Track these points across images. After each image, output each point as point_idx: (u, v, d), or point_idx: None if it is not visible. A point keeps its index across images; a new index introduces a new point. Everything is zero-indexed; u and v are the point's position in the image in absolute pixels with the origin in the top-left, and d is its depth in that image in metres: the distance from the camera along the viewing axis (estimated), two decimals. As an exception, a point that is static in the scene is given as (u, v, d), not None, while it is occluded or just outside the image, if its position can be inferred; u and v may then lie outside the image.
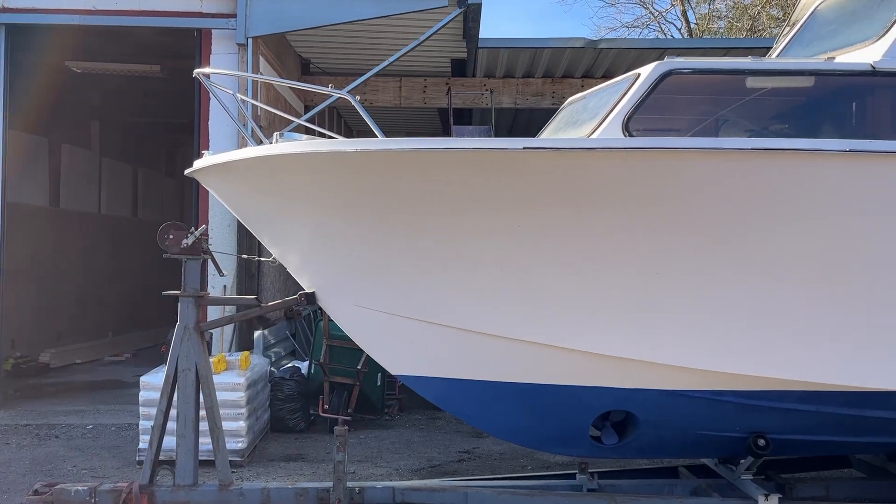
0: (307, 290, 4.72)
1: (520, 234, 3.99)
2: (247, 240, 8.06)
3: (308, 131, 5.56)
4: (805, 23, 5.16)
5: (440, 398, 4.68)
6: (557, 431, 4.63)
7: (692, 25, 24.13)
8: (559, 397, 4.40)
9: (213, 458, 4.69)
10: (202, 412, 4.72)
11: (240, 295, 8.00)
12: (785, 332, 3.95)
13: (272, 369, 8.11)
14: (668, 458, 5.44)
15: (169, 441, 4.78)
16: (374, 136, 4.04)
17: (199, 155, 4.91)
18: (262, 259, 5.51)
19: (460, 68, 11.56)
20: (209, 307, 7.91)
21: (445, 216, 3.98)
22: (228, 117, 5.16)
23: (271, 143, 4.30)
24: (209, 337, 5.12)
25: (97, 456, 6.79)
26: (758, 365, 4.03)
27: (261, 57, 8.75)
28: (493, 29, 58.65)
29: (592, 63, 11.44)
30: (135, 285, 14.79)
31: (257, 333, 8.35)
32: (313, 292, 4.69)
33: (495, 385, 4.39)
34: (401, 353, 4.48)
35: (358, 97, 4.21)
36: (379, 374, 7.91)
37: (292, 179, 4.28)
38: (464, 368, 4.36)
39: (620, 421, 4.65)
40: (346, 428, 4.62)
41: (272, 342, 8.82)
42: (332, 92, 4.29)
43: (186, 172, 4.95)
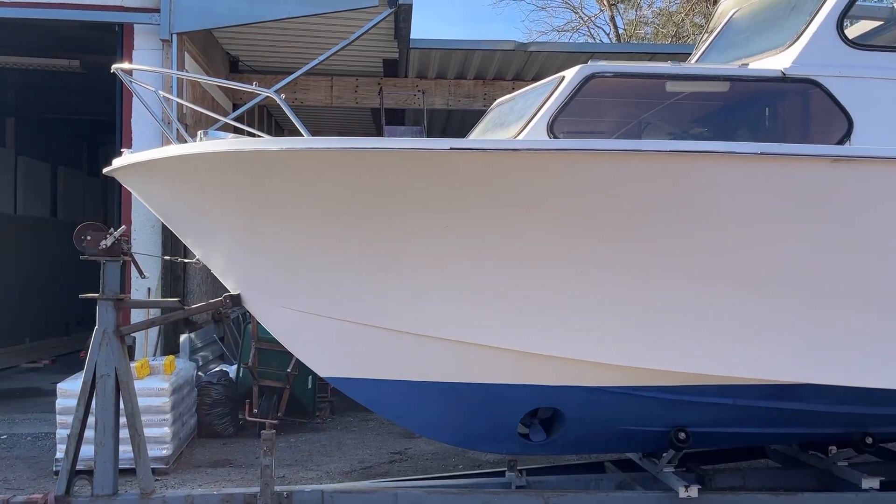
0: (232, 292, 4.64)
1: (447, 234, 4.01)
2: (172, 241, 7.83)
3: (237, 130, 5.45)
4: (721, 30, 5.35)
5: (369, 400, 4.66)
6: (486, 430, 4.68)
7: (620, 31, 24.71)
8: (487, 396, 4.44)
9: (135, 467, 4.55)
10: (124, 419, 4.57)
11: (165, 298, 7.78)
12: (703, 329, 4.08)
13: (199, 373, 7.90)
14: (595, 454, 5.56)
15: (89, 450, 4.61)
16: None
17: (120, 153, 4.75)
18: (187, 261, 5.38)
19: (392, 68, 11.54)
20: (133, 311, 7.68)
21: (372, 216, 3.96)
22: (152, 115, 5.00)
23: (195, 142, 4.20)
24: (132, 341, 4.95)
25: (11, 467, 6.49)
26: (677, 361, 4.15)
27: (186, 53, 8.53)
28: (426, 30, 58.90)
29: (523, 66, 11.59)
30: (54, 289, 14.18)
31: (183, 337, 8.13)
32: (239, 294, 4.61)
33: (424, 385, 4.40)
34: (328, 355, 4.45)
35: (282, 95, 4.16)
36: (310, 377, 7.81)
37: (216, 179, 4.19)
38: (392, 369, 4.35)
39: (548, 418, 4.72)
40: (274, 432, 4.54)
41: (199, 346, 8.60)
42: (258, 90, 4.21)
43: (105, 171, 4.79)
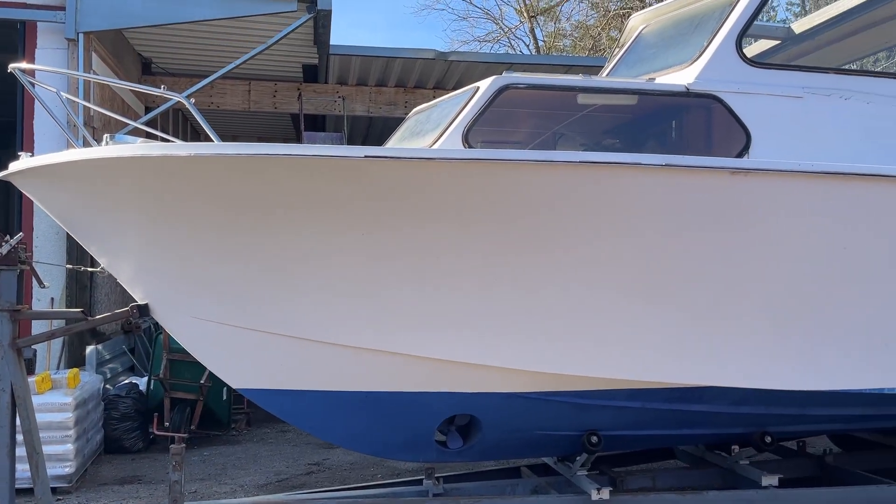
0: (140, 302, 4.47)
1: (362, 243, 3.99)
2: (77, 249, 7.50)
3: (149, 135, 5.28)
4: (631, 45, 5.53)
5: (284, 411, 4.57)
6: (403, 438, 4.66)
7: (540, 42, 25.24)
8: (403, 404, 4.43)
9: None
10: (21, 436, 4.34)
11: (69, 308, 7.44)
12: (612, 335, 4.19)
13: (107, 386, 7.59)
14: (512, 459, 5.62)
15: (-20, 470, 4.35)
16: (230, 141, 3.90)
17: (18, 157, 4.52)
18: (92, 270, 5.16)
19: (312, 74, 11.43)
20: (34, 322, 7.31)
21: (285, 224, 3.90)
22: (53, 118, 4.78)
23: (100, 146, 4.03)
24: (31, 354, 4.70)
25: None
26: (588, 366, 4.25)
27: (94, 54, 8.20)
28: (348, 36, 58.31)
29: (444, 74, 11.69)
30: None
31: (90, 349, 7.79)
32: (146, 304, 4.44)
33: (339, 395, 4.36)
34: (241, 366, 4.34)
35: (192, 100, 4.05)
36: (225, 388, 7.61)
37: (122, 185, 4.04)
38: (306, 379, 4.29)
39: (465, 425, 4.75)
40: (184, 446, 4.40)
41: (107, 358, 8.26)
42: (166, 94, 4.09)
43: (0, 176, 4.54)
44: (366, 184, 3.84)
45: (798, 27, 5.86)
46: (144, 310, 4.44)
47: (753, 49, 5.77)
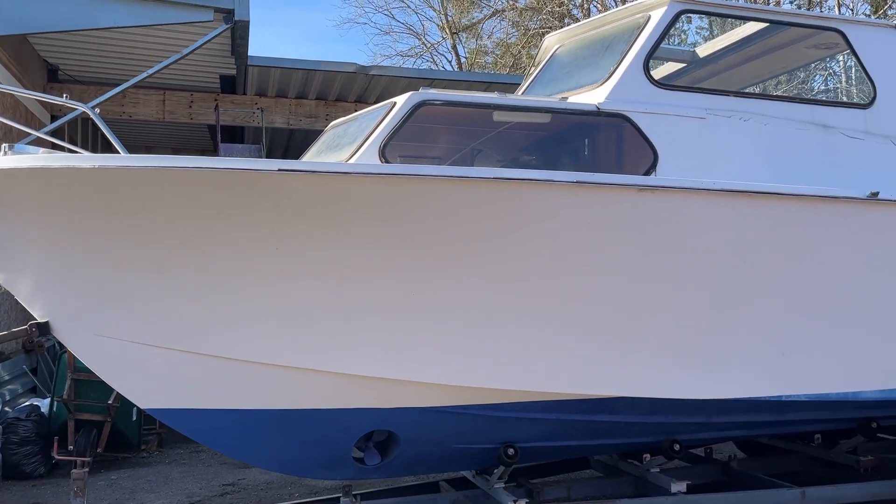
0: (40, 320, 4.26)
1: (276, 257, 3.93)
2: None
3: (55, 145, 5.04)
4: (546, 64, 5.67)
5: (195, 431, 4.44)
6: (320, 456, 4.60)
7: (462, 59, 25.56)
8: (320, 422, 4.37)
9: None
10: None
11: (-36, 326, 7.02)
12: (526, 348, 4.26)
13: (6, 409, 7.19)
14: (430, 473, 5.62)
15: None
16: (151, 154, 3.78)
17: None
18: (-12, 286, 4.89)
19: (230, 85, 11.23)
20: (-76, 342, 6.85)
21: (195, 238, 3.81)
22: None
23: (-3, 157, 3.84)
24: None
25: None
26: (504, 379, 4.30)
27: (-6, 59, 7.83)
28: (270, 47, 57.61)
29: (365, 88, 11.68)
30: None
31: (-13, 370, 7.37)
32: (47, 322, 4.23)
33: (253, 413, 4.26)
34: (149, 385, 4.19)
35: (97, 110, 3.91)
36: (134, 409, 7.32)
37: (21, 197, 3.86)
38: (218, 398, 4.18)
39: (383, 440, 4.73)
40: (86, 470, 4.22)
41: (6, 378, 7.83)
42: (69, 103, 3.93)
43: None
44: (280, 198, 3.79)
45: (702, 51, 6.15)
46: (45, 328, 4.23)
47: (663, 71, 6.01)
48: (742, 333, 4.54)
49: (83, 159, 3.65)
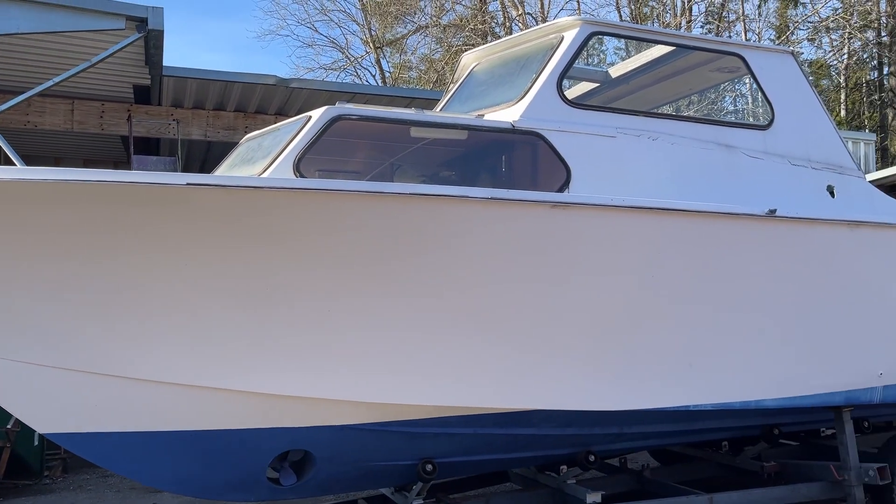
0: (-74, 342, 4.00)
1: (186, 274, 3.82)
2: None
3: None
4: (463, 82, 5.74)
5: (99, 456, 4.24)
6: (234, 478, 4.47)
7: (386, 73, 25.61)
8: (232, 443, 4.26)
9: None
10: None
11: None
12: (443, 363, 4.27)
13: None
14: (349, 492, 5.54)
15: None
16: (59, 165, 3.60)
17: None
18: None
19: (144, 95, 10.87)
20: None
21: (99, 254, 3.66)
22: None
23: None
24: None
25: None
26: (420, 394, 4.30)
27: None
28: (188, 57, 56.36)
29: (286, 101, 11.52)
30: None
31: None
32: (-66, 344, 3.98)
33: (160, 436, 4.11)
34: (48, 409, 3.98)
35: (-9, 120, 3.71)
36: (36, 433, 6.96)
37: None
38: (123, 420, 4.01)
39: (298, 460, 4.64)
40: (-22, 501, 3.97)
41: None
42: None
43: None
44: (190, 212, 3.69)
45: (615, 72, 6.35)
46: (-69, 350, 3.97)
47: (577, 90, 6.18)
48: (652, 346, 4.68)
49: (-28, 172, 3.46)
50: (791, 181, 5.27)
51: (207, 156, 14.65)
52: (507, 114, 4.76)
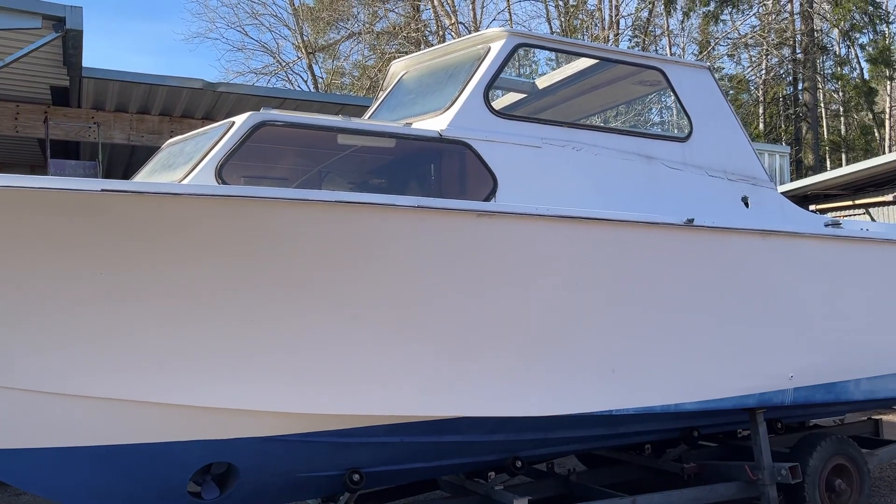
0: None
1: (101, 282, 3.69)
2: None
3: None
4: (392, 90, 5.75)
5: (8, 473, 4.04)
6: (153, 493, 4.33)
7: (320, 79, 25.40)
8: (150, 457, 4.12)
9: None
10: None
11: None
12: (368, 371, 4.25)
13: None
14: (275, 504, 5.44)
15: None
16: None
17: None
18: None
19: (63, 97, 10.48)
20: None
21: (7, 262, 3.50)
22: None
23: None
24: None
25: None
26: (346, 404, 4.26)
27: None
28: (115, 58, 54.66)
29: (213, 105, 11.30)
30: None
31: None
32: None
33: (74, 451, 3.95)
34: (-51, 424, 3.79)
35: None
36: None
37: None
38: (33, 436, 3.84)
39: (221, 473, 4.53)
40: None
41: None
42: None
43: None
44: (106, 219, 3.58)
45: (542, 83, 6.47)
46: None
47: (505, 100, 6.26)
48: (576, 352, 4.77)
49: None
50: (708, 192, 5.48)
51: (131, 160, 14.22)
52: (435, 123, 4.79)
